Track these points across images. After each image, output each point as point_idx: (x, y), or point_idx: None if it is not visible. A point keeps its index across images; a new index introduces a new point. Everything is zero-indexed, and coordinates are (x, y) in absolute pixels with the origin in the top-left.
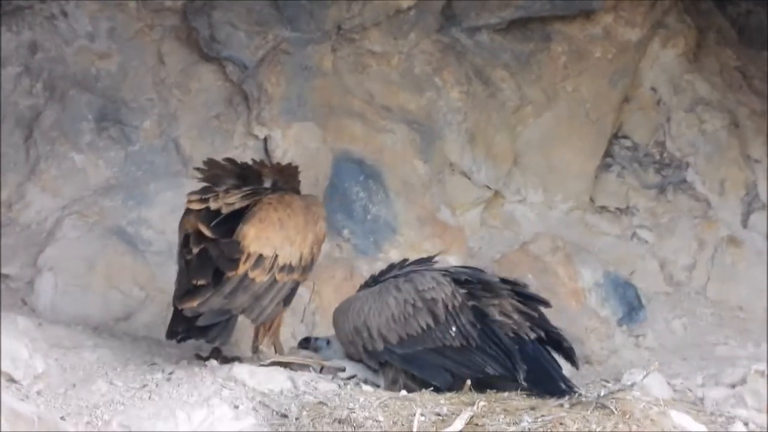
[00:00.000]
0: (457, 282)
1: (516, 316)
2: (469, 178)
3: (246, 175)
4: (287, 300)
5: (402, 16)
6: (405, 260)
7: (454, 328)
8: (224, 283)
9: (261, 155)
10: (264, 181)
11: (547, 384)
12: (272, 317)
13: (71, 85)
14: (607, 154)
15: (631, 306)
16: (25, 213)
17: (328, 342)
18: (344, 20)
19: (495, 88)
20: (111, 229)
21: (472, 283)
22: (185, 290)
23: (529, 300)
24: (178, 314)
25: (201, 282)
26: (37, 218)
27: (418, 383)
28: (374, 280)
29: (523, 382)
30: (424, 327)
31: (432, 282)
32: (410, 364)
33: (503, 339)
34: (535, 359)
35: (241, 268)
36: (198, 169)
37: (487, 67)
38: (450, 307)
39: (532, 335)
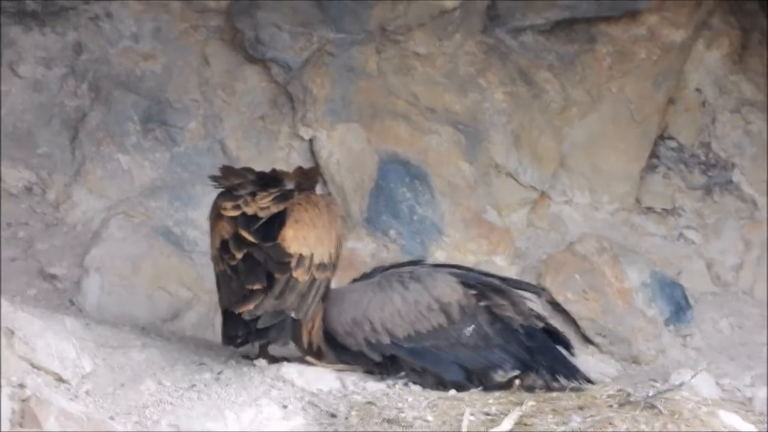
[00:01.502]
0: (465, 284)
1: (524, 309)
2: (515, 179)
3: (264, 182)
4: (324, 297)
5: (446, 17)
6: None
7: (470, 328)
8: (274, 285)
9: (306, 157)
10: (286, 184)
11: (566, 369)
12: (314, 315)
13: (116, 86)
14: (653, 155)
15: (678, 306)
16: (71, 214)
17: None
18: (389, 21)
19: (539, 89)
20: (157, 230)
21: (478, 284)
22: (241, 295)
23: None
24: (233, 319)
25: (257, 286)
26: (83, 219)
27: (425, 378)
28: (367, 276)
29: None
30: (436, 326)
31: (442, 284)
32: (421, 358)
33: (521, 336)
34: (549, 348)
35: (290, 270)
36: (213, 177)
37: (532, 68)
38: (465, 309)
39: (540, 325)
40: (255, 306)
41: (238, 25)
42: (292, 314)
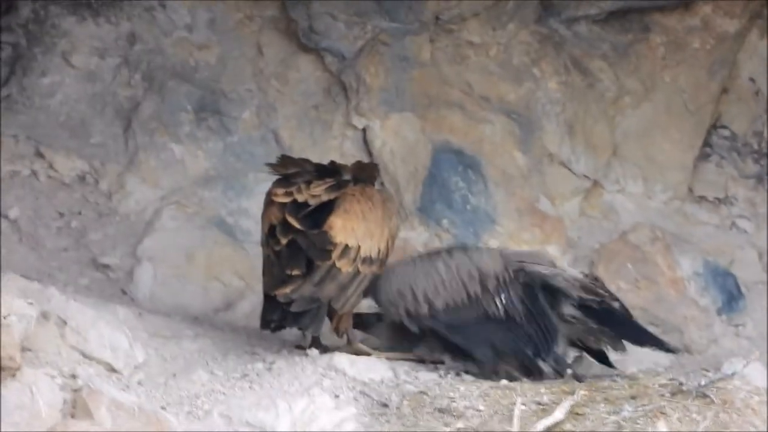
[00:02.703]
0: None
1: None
2: (569, 169)
3: (322, 173)
4: (366, 292)
5: (500, 7)
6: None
7: (500, 299)
8: (314, 272)
9: (360, 146)
10: (343, 176)
11: (641, 335)
12: (353, 307)
13: (170, 77)
14: (705, 143)
15: (730, 295)
16: (124, 203)
17: (378, 317)
18: (442, 11)
19: (593, 79)
20: (210, 220)
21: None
22: (280, 280)
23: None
24: (270, 303)
25: (296, 272)
26: (136, 209)
27: (456, 356)
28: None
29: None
30: (471, 295)
31: (486, 256)
32: (456, 333)
33: (548, 321)
34: (614, 313)
35: (332, 259)
36: (271, 164)
37: (585, 58)
38: (501, 280)
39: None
40: (292, 290)
41: (292, 14)
42: (331, 303)
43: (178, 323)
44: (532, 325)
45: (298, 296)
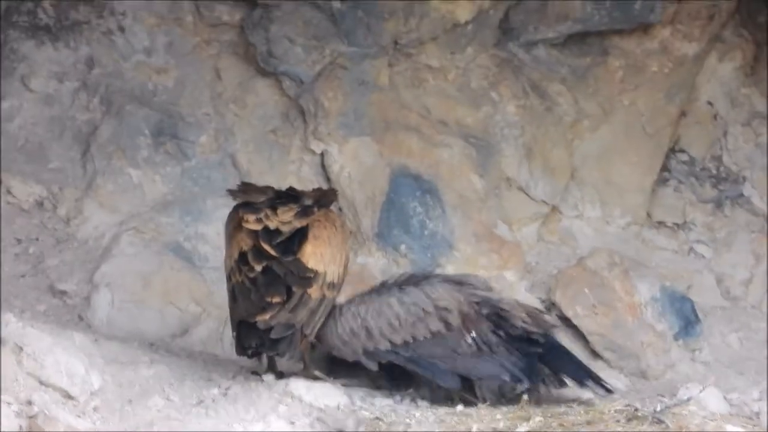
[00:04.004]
0: (467, 292)
1: (534, 315)
2: (527, 193)
3: (283, 197)
4: (331, 313)
5: (459, 31)
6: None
7: (471, 336)
8: (290, 299)
9: (318, 171)
10: (304, 201)
11: (576, 370)
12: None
13: (128, 100)
14: (664, 168)
15: (687, 320)
16: (82, 228)
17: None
18: (401, 35)
19: (552, 102)
20: (168, 245)
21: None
22: (259, 306)
23: None
24: (247, 329)
25: (276, 299)
26: (94, 234)
27: (421, 386)
28: (361, 295)
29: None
30: (435, 332)
31: (441, 290)
32: (418, 365)
33: (523, 347)
34: (558, 348)
35: (312, 286)
36: (231, 191)
37: (544, 81)
38: (466, 317)
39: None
40: (271, 316)
41: (250, 38)
42: (302, 328)
43: (135, 349)
44: (512, 354)
45: (276, 322)
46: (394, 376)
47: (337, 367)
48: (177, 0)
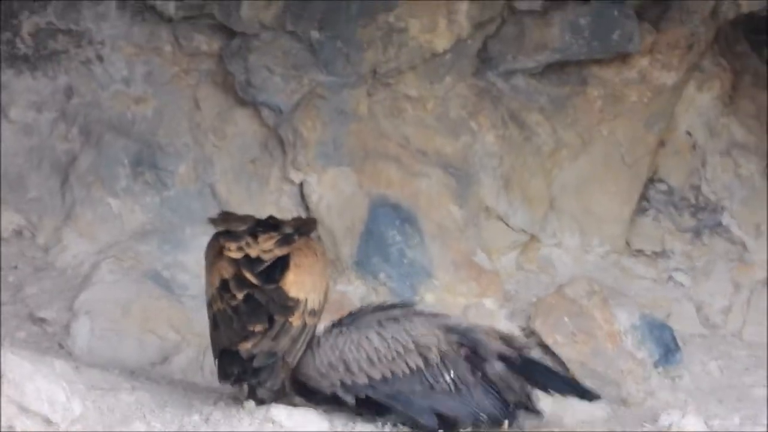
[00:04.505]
0: (446, 328)
1: (501, 340)
2: (505, 222)
3: (263, 226)
4: (309, 343)
5: (438, 60)
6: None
7: (449, 376)
8: (272, 327)
9: (297, 200)
10: (284, 229)
11: (557, 382)
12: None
13: (107, 130)
14: (643, 197)
15: (667, 348)
16: (61, 257)
17: None
18: (380, 64)
19: (530, 132)
20: (147, 274)
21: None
22: (241, 335)
23: None
24: (230, 357)
25: (258, 328)
26: (73, 263)
27: (396, 425)
28: (342, 321)
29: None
30: (413, 367)
31: (420, 326)
32: (397, 402)
33: (501, 390)
34: (535, 363)
35: (294, 314)
36: (212, 219)
37: (523, 111)
38: (444, 354)
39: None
40: (252, 345)
41: (229, 68)
42: (284, 356)
43: (116, 376)
44: (487, 395)
45: (258, 351)
46: (371, 411)
47: (313, 397)
48: (155, 29)
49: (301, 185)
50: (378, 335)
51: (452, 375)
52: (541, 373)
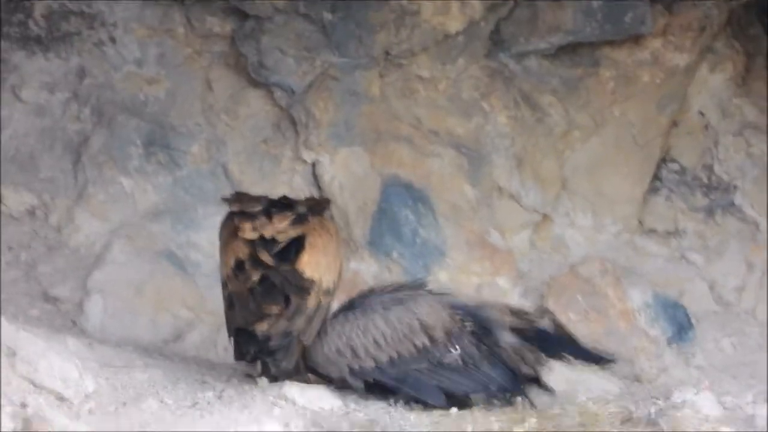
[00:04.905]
0: (451, 306)
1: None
2: (518, 202)
3: (277, 206)
4: (324, 322)
5: (450, 42)
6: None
7: (456, 352)
8: (288, 308)
9: (309, 180)
10: (298, 209)
11: (574, 350)
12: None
13: (119, 111)
14: (655, 177)
15: (680, 326)
16: (74, 237)
17: None
18: (392, 46)
19: (543, 113)
20: (160, 253)
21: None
22: (257, 315)
23: None
24: (246, 337)
25: (274, 309)
26: (86, 242)
27: (408, 403)
28: (350, 305)
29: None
30: (420, 347)
31: (425, 305)
32: (403, 383)
33: (513, 361)
34: (550, 335)
35: (310, 295)
36: (226, 198)
37: (535, 92)
38: (450, 331)
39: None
40: (269, 326)
41: (242, 50)
42: (299, 336)
43: (129, 353)
44: (495, 367)
45: (275, 332)
46: (381, 394)
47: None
48: (168, 11)
49: (313, 165)
50: (383, 318)
51: (458, 351)
52: (554, 342)
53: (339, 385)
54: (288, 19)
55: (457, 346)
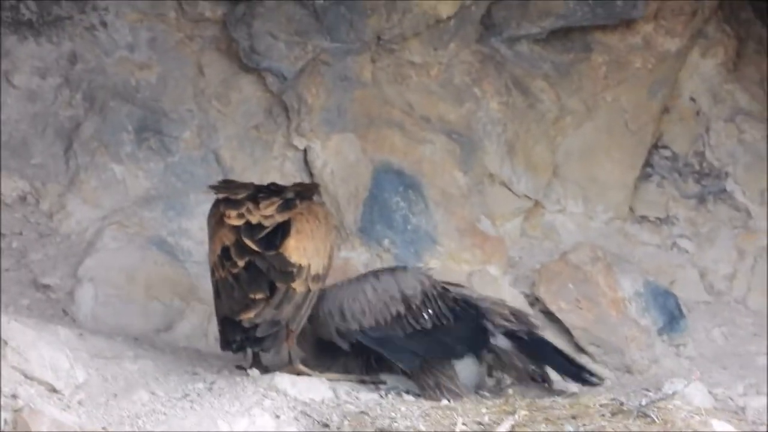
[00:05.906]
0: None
1: (511, 314)
2: (509, 189)
3: (265, 192)
4: (313, 308)
5: (442, 27)
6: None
7: (426, 313)
8: (274, 295)
9: (301, 166)
10: (286, 194)
11: (563, 364)
12: (302, 325)
13: (111, 96)
14: (647, 164)
15: (671, 315)
16: (65, 223)
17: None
18: (384, 30)
19: (534, 99)
20: (151, 240)
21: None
22: (243, 303)
23: None
24: (232, 325)
25: (259, 296)
26: (77, 229)
27: (384, 365)
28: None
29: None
30: (394, 314)
31: (411, 278)
32: (382, 346)
33: (479, 319)
34: (544, 343)
35: (294, 281)
36: (213, 186)
37: (527, 78)
38: (427, 295)
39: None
40: (255, 314)
41: (233, 34)
42: (287, 324)
43: (119, 343)
44: (465, 327)
45: (261, 320)
46: (364, 355)
47: (321, 354)
48: None
49: (305, 151)
50: (372, 287)
51: (430, 313)
52: (546, 352)
53: (330, 348)
54: (279, 4)
55: (430, 310)
